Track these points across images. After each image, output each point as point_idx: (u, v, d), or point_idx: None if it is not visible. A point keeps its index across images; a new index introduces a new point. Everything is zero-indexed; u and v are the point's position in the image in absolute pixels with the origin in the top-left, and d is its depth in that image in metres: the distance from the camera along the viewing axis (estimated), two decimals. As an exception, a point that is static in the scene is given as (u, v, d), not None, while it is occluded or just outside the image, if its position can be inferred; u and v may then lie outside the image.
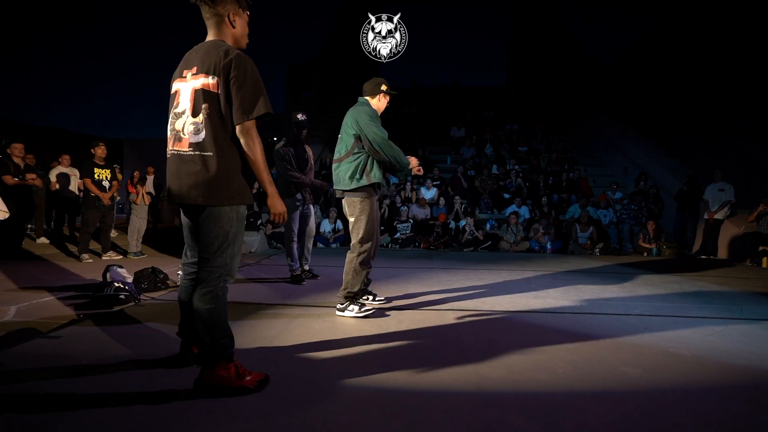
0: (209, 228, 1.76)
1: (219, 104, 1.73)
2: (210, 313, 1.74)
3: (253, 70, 1.76)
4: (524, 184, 9.80)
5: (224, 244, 1.77)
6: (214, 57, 1.73)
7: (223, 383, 1.73)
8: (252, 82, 1.74)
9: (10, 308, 3.04)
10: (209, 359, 1.74)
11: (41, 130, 17.19)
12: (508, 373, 1.99)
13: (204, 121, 1.74)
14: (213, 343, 1.73)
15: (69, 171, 7.26)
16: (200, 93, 1.74)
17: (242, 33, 1.89)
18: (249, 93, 1.72)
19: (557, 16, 18.53)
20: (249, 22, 1.92)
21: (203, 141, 1.74)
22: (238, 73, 1.71)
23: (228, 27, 1.83)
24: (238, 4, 1.83)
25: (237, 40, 1.87)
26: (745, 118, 10.13)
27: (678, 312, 3.21)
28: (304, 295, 3.62)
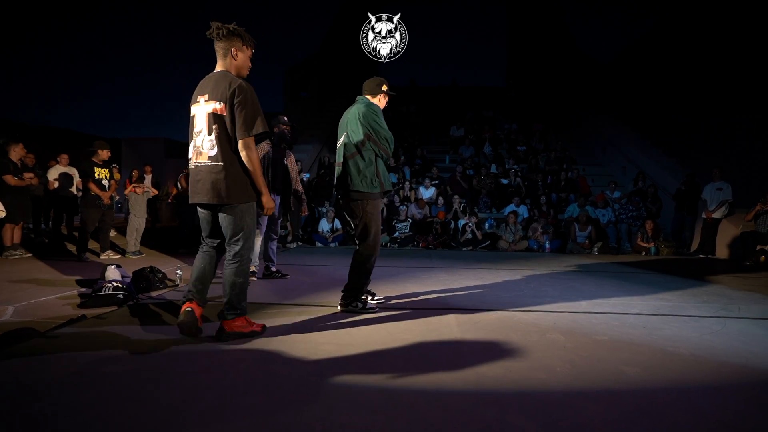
0: (232, 220, 2.29)
1: (225, 125, 2.23)
2: (243, 285, 2.35)
3: (252, 97, 2.23)
4: (523, 184, 9.81)
5: (246, 231, 2.33)
6: (222, 87, 2.22)
7: (239, 330, 2.35)
8: (251, 106, 2.21)
9: (8, 308, 3.03)
10: (234, 314, 2.34)
11: (39, 130, 17.15)
12: (506, 372, 1.99)
13: (216, 138, 2.24)
14: (238, 305, 2.34)
15: (68, 170, 7.25)
16: (212, 116, 2.24)
17: (243, 65, 2.34)
18: (249, 115, 2.20)
19: (556, 15, 18.54)
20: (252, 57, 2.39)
21: (216, 154, 2.25)
22: (239, 100, 2.19)
23: (231, 59, 2.30)
24: (241, 42, 2.30)
25: (239, 70, 2.34)
26: (744, 118, 10.16)
27: (676, 311, 3.22)
28: (302, 295, 3.62)
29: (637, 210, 8.17)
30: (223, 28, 2.24)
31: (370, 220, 2.99)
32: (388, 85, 3.15)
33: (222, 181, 2.23)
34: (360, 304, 3.03)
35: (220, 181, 2.23)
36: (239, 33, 2.28)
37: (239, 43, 2.29)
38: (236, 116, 2.20)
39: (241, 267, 2.34)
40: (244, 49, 2.32)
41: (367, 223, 2.99)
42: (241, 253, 2.33)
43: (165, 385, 1.81)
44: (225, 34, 2.25)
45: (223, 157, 2.24)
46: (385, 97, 3.17)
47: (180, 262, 5.30)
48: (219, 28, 2.24)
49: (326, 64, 15.83)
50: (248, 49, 2.34)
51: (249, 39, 2.32)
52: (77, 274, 4.51)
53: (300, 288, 3.95)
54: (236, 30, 2.27)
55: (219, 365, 2.05)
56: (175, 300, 3.38)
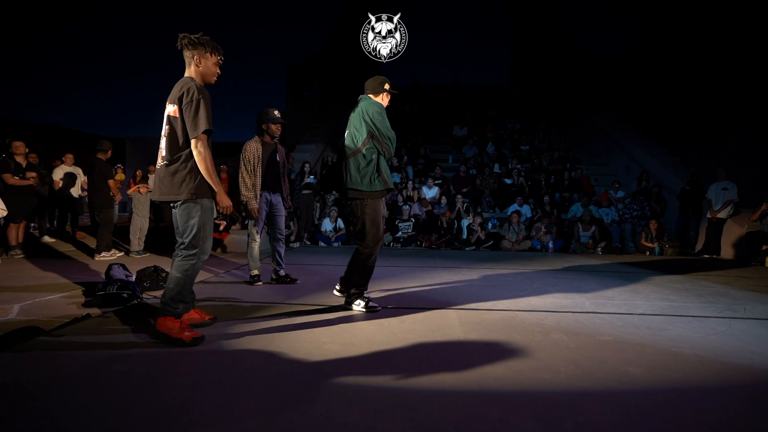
0: (180, 217, 2.35)
1: (177, 126, 2.32)
2: (178, 282, 2.33)
3: (200, 97, 2.29)
4: (526, 183, 9.78)
5: (191, 228, 2.33)
6: (176, 90, 2.34)
7: (167, 332, 2.28)
8: (197, 106, 2.27)
9: (14, 306, 3.05)
10: (165, 313, 2.32)
11: (43, 129, 17.24)
12: (509, 372, 1.99)
13: (168, 139, 2.34)
14: (171, 303, 2.31)
15: (73, 170, 7.28)
16: (167, 118, 2.35)
17: (207, 71, 2.42)
18: (195, 115, 2.27)
19: (559, 15, 18.48)
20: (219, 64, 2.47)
21: (167, 154, 2.34)
22: (187, 101, 2.28)
23: (195, 66, 2.40)
24: (204, 50, 2.39)
25: (203, 77, 2.42)
26: (749, 117, 10.09)
27: (680, 311, 3.20)
28: (305, 294, 3.63)
29: (641, 210, 8.13)
30: (186, 38, 2.36)
31: (368, 219, 3.00)
32: (390, 83, 3.15)
33: (169, 179, 2.32)
34: (362, 303, 3.06)
35: (167, 178, 2.32)
36: (203, 42, 2.38)
37: (202, 51, 2.39)
38: (185, 117, 2.29)
39: (183, 264, 2.33)
40: (208, 57, 2.41)
41: (366, 222, 3.01)
42: (186, 249, 2.34)
43: (167, 385, 1.81)
44: (187, 44, 2.37)
45: (172, 156, 2.33)
46: (388, 96, 3.17)
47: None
48: (182, 38, 2.37)
49: (328, 64, 15.83)
50: (213, 56, 2.42)
51: (214, 47, 2.42)
52: (82, 273, 4.53)
53: (303, 288, 3.95)
54: (200, 39, 2.37)
55: (221, 364, 2.05)
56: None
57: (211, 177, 2.34)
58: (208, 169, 2.31)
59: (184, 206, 2.33)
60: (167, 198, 2.33)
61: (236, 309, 3.11)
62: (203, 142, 2.29)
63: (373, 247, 3.03)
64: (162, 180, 2.35)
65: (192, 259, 2.34)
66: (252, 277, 4.09)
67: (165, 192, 2.34)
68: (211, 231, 2.42)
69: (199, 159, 2.29)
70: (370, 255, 3.04)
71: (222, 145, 19.34)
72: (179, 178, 2.31)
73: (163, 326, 2.30)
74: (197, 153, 2.29)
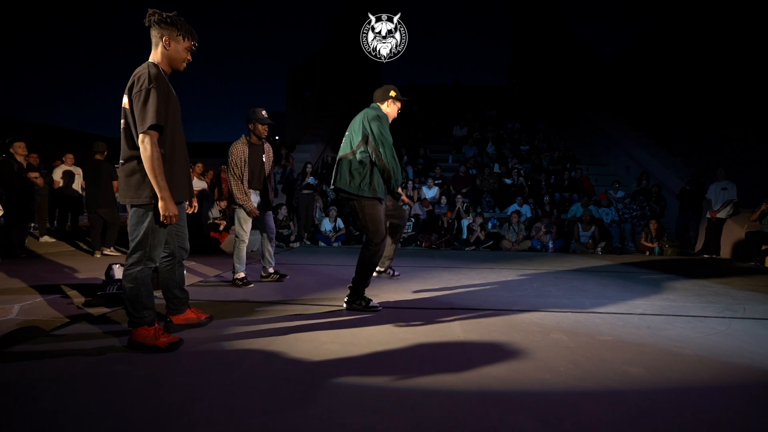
0: (129, 221, 2.16)
1: (129, 121, 2.07)
2: (131, 291, 2.13)
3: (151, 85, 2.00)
4: (526, 183, 9.79)
5: (138, 235, 2.13)
6: (131, 79, 2.06)
7: (142, 341, 2.15)
8: (145, 95, 1.99)
9: (14, 306, 3.05)
10: (133, 324, 2.18)
11: (43, 129, 17.24)
12: (509, 372, 1.99)
13: (123, 135, 2.11)
14: (134, 313, 2.16)
15: (73, 169, 7.28)
16: (124, 111, 2.09)
17: (177, 56, 2.16)
18: (143, 107, 1.99)
19: (559, 14, 18.48)
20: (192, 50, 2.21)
21: (122, 152, 2.13)
22: (136, 90, 2.01)
23: (163, 48, 2.13)
24: (176, 32, 2.12)
25: (171, 61, 2.17)
26: (749, 117, 10.09)
27: (680, 311, 3.20)
28: (305, 294, 3.63)
29: (641, 210, 8.13)
30: (156, 14, 2.08)
31: (368, 220, 2.99)
32: (396, 91, 3.11)
33: (125, 180, 2.11)
34: (363, 302, 3.05)
35: (124, 179, 2.12)
36: (175, 23, 2.10)
37: (173, 33, 2.11)
38: (134, 109, 2.02)
39: (130, 272, 2.13)
40: (180, 40, 2.13)
41: (365, 223, 3.02)
42: (130, 257, 2.14)
43: (168, 385, 1.81)
44: (158, 21, 2.08)
45: (124, 154, 2.12)
46: (395, 103, 3.13)
47: (184, 262, 5.32)
48: (152, 14, 2.08)
49: (328, 64, 15.83)
50: (186, 40, 2.16)
51: (188, 30, 2.16)
52: (82, 273, 4.53)
53: (303, 287, 3.95)
54: (173, 19, 2.10)
55: (221, 364, 2.05)
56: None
57: (156, 179, 2.04)
58: (153, 169, 2.02)
59: (133, 210, 2.13)
60: (126, 201, 2.12)
61: (236, 309, 3.11)
62: (151, 138, 2.01)
63: (378, 244, 3.02)
64: (120, 181, 2.15)
65: (137, 266, 2.13)
66: (240, 280, 3.92)
67: (123, 195, 2.12)
68: (161, 239, 2.18)
69: (144, 157, 2.01)
70: (376, 251, 3.02)
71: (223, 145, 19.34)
72: (136, 179, 2.08)
73: (137, 336, 2.16)
74: (143, 150, 2.01)
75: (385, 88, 3.13)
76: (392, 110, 3.13)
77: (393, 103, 3.12)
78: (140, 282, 2.15)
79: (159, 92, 2.02)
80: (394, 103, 3.12)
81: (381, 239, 3.02)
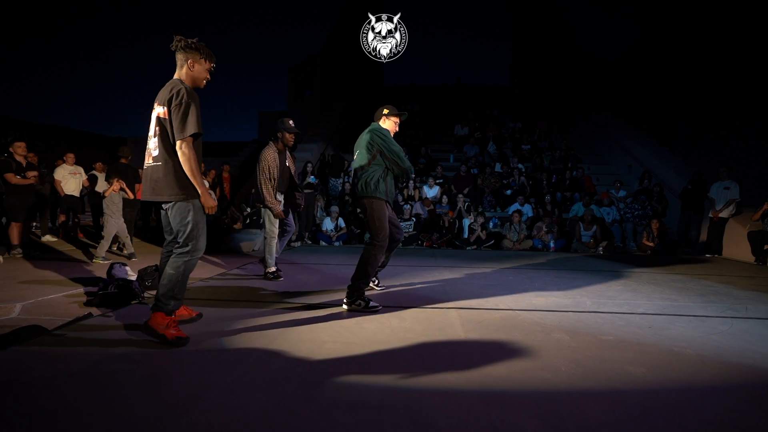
0: (173, 217, 2.40)
1: (167, 128, 2.35)
2: (171, 277, 2.36)
3: (190, 101, 2.32)
4: (527, 183, 9.77)
5: (185, 227, 2.38)
6: (166, 92, 2.36)
7: (155, 328, 2.32)
8: (185, 108, 2.30)
9: (16, 306, 3.06)
10: (156, 308, 2.36)
11: (44, 128, 17.27)
12: (511, 371, 1.99)
13: (158, 140, 2.37)
14: (164, 300, 2.35)
15: (74, 169, 7.30)
16: (157, 120, 2.37)
17: (199, 76, 2.47)
18: (183, 118, 2.30)
19: (560, 14, 18.45)
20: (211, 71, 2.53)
21: (158, 155, 2.37)
22: (176, 103, 2.31)
23: (188, 69, 2.44)
24: (199, 55, 2.44)
25: (194, 81, 2.47)
26: (751, 117, 10.06)
27: (682, 311, 3.20)
28: (306, 293, 3.63)
29: (642, 209, 8.12)
30: (182, 41, 2.41)
31: (375, 216, 3.21)
32: (390, 108, 3.49)
33: (160, 180, 2.36)
34: (362, 302, 3.08)
35: (159, 179, 2.37)
36: (197, 47, 2.43)
37: (197, 56, 2.44)
38: (173, 119, 2.32)
39: (176, 261, 2.38)
40: (202, 62, 2.46)
41: (372, 220, 3.21)
42: (181, 248, 2.39)
43: (168, 384, 1.82)
44: (183, 47, 2.41)
45: (162, 157, 2.37)
46: (390, 119, 3.48)
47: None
48: (179, 41, 2.42)
49: (329, 64, 15.82)
50: (206, 62, 2.48)
51: (209, 54, 2.47)
52: (83, 272, 4.54)
53: (304, 286, 3.95)
54: (196, 45, 2.43)
55: (222, 364, 2.05)
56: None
57: (195, 178, 2.36)
58: (192, 170, 2.34)
59: (177, 206, 2.37)
60: (160, 198, 2.36)
61: (238, 308, 3.11)
62: (188, 143, 2.32)
63: (383, 240, 3.19)
64: (154, 180, 2.37)
65: (185, 256, 2.38)
66: (272, 274, 4.24)
67: (158, 192, 2.37)
68: (204, 229, 2.44)
69: (183, 160, 2.32)
70: (379, 250, 3.18)
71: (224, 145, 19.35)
72: (175, 178, 2.35)
73: (153, 321, 2.34)
74: (182, 154, 2.32)
75: (380, 110, 3.52)
76: (390, 125, 3.48)
77: (388, 119, 3.48)
78: (183, 273, 2.38)
79: (197, 105, 2.35)
80: (389, 119, 3.48)
81: (384, 237, 3.19)
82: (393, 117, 3.51)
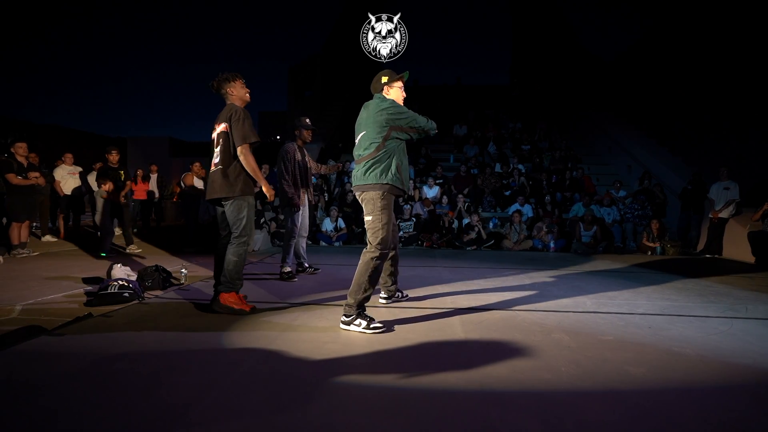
0: (231, 212, 2.91)
1: (229, 139, 2.90)
2: (236, 263, 2.88)
3: (245, 116, 2.90)
4: (527, 183, 9.77)
5: (241, 220, 2.89)
6: (225, 113, 2.95)
7: (230, 305, 2.85)
8: (243, 123, 2.86)
9: (16, 306, 3.06)
10: (227, 288, 2.88)
11: (45, 129, 17.26)
12: (511, 371, 1.99)
13: (221, 149, 2.93)
14: (231, 281, 2.88)
15: (73, 169, 7.30)
16: (220, 134, 2.95)
17: (240, 95, 3.01)
18: (242, 129, 2.85)
19: (560, 14, 18.44)
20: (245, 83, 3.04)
21: (219, 161, 2.92)
22: (235, 119, 2.88)
23: (230, 96, 3.00)
24: (229, 82, 2.98)
25: (239, 100, 3.01)
26: (751, 117, 10.06)
27: (682, 311, 3.20)
28: (306, 293, 3.63)
29: (642, 209, 8.12)
30: (216, 81, 2.97)
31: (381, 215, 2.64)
32: (389, 74, 2.86)
33: (221, 181, 2.87)
34: (364, 322, 2.54)
35: (219, 180, 2.88)
36: (225, 77, 2.96)
37: (226, 84, 2.98)
38: (234, 130, 2.86)
39: (238, 249, 2.87)
40: (234, 84, 2.98)
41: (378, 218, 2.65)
42: (238, 238, 2.88)
43: (168, 384, 1.82)
44: (216, 86, 2.99)
45: (223, 162, 2.90)
46: (392, 87, 2.86)
47: (185, 261, 5.32)
48: (215, 82, 2.98)
49: (329, 64, 15.81)
50: (236, 81, 2.98)
51: (233, 75, 2.97)
52: (84, 272, 4.54)
53: (304, 287, 3.95)
54: (225, 76, 2.96)
55: (222, 364, 2.05)
56: (179, 299, 3.40)
57: (257, 174, 2.91)
58: (253, 169, 2.88)
59: (235, 203, 2.87)
60: (220, 195, 2.87)
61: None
62: (247, 149, 2.85)
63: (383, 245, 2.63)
64: (216, 182, 2.89)
65: (244, 245, 2.88)
66: (287, 274, 4.31)
67: (218, 191, 2.88)
68: (253, 222, 2.95)
69: (245, 162, 2.85)
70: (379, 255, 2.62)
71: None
72: (231, 179, 2.86)
73: (226, 300, 2.85)
74: (243, 157, 2.84)
75: (377, 77, 2.87)
76: (396, 94, 2.86)
77: (391, 87, 2.86)
78: (243, 258, 2.90)
79: (249, 119, 2.90)
80: (392, 87, 2.86)
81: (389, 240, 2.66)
82: (395, 83, 2.87)
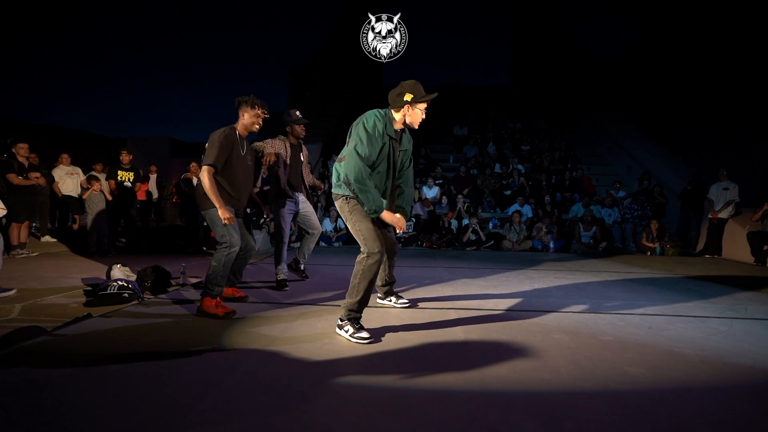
0: (209, 222, 2.99)
1: None
2: (213, 269, 2.90)
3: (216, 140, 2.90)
4: (527, 183, 9.77)
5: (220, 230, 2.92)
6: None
7: (206, 309, 2.87)
8: (210, 146, 2.91)
9: (15, 306, 3.05)
10: (204, 294, 2.91)
11: (44, 129, 17.25)
12: (510, 372, 1.99)
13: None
14: (209, 286, 2.90)
15: (71, 169, 7.31)
16: None
17: (245, 123, 3.04)
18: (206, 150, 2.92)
19: (560, 14, 18.45)
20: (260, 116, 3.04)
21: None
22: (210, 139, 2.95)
23: (241, 118, 3.06)
24: (248, 107, 3.01)
25: (243, 126, 3.06)
26: (751, 117, 10.07)
27: (682, 311, 3.20)
28: (306, 294, 3.63)
29: (642, 210, 8.12)
30: (236, 100, 3.06)
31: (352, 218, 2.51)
32: (415, 92, 2.39)
33: (199, 193, 2.97)
34: (351, 328, 2.41)
35: (199, 193, 2.98)
36: (244, 100, 3.02)
37: (246, 107, 3.03)
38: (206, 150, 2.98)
39: (218, 255, 2.91)
40: (248, 110, 3.01)
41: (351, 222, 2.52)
42: (220, 245, 2.93)
43: (169, 384, 1.82)
44: (236, 104, 3.05)
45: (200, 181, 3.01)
46: (413, 108, 2.44)
47: (184, 261, 5.32)
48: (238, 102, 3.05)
49: (329, 64, 15.81)
50: (251, 109, 3.00)
51: (254, 103, 3.00)
52: (83, 273, 4.54)
53: (303, 287, 3.95)
54: (246, 99, 3.02)
55: (222, 364, 2.05)
56: (179, 299, 3.40)
57: (211, 195, 2.86)
58: (207, 190, 2.87)
59: (207, 215, 2.96)
60: (200, 209, 2.99)
61: (238, 308, 3.10)
62: (206, 170, 2.86)
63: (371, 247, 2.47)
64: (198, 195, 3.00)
65: (225, 251, 2.89)
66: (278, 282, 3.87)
67: (198, 204, 3.01)
68: (234, 228, 2.93)
69: (202, 182, 2.88)
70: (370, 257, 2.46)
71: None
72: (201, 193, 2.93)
73: (203, 305, 2.88)
74: (201, 178, 2.87)
75: (399, 91, 2.43)
76: (414, 116, 2.45)
77: (410, 108, 2.45)
78: (222, 264, 2.90)
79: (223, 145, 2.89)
80: (412, 109, 2.44)
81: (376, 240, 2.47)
82: (420, 104, 2.43)
